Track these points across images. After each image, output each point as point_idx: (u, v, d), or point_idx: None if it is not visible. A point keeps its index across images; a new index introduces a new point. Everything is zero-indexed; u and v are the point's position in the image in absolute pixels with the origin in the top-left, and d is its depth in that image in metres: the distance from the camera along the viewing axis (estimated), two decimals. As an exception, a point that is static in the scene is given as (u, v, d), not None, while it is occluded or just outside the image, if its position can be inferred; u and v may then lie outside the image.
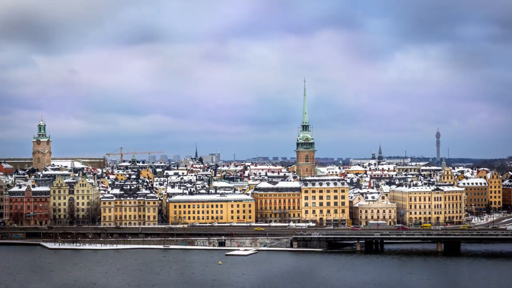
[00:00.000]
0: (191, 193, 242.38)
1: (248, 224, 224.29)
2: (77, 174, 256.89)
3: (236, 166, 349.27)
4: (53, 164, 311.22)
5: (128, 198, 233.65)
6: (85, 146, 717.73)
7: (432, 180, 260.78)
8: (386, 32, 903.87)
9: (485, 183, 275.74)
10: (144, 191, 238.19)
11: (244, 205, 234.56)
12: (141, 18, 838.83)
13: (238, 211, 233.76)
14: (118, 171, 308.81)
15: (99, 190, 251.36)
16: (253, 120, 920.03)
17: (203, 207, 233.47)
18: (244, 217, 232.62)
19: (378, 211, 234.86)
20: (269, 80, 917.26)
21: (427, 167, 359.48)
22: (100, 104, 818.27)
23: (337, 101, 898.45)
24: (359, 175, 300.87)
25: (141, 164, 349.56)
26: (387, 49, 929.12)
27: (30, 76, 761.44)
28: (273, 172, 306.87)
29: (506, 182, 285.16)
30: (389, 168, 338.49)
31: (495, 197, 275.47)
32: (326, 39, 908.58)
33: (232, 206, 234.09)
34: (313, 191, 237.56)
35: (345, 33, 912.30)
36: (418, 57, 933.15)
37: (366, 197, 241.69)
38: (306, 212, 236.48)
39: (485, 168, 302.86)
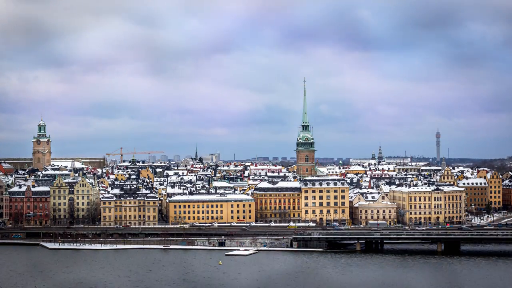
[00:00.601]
0: (191, 193, 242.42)
1: (248, 224, 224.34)
2: (77, 174, 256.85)
3: (236, 166, 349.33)
4: (53, 164, 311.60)
5: (128, 198, 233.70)
6: (80, 147, 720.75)
7: (432, 180, 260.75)
8: (385, 32, 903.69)
9: (485, 183, 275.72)
10: (144, 191, 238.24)
11: (244, 205, 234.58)
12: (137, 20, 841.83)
13: (238, 211, 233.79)
14: (118, 171, 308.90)
15: (99, 190, 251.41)
16: (253, 120, 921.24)
17: (203, 207, 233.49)
18: (244, 217, 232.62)
19: (378, 211, 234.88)
20: (269, 81, 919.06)
21: (427, 167, 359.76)
22: (87, 106, 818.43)
23: (337, 101, 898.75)
24: (359, 175, 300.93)
25: (141, 164, 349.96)
26: (386, 50, 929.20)
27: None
28: (273, 172, 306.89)
29: (506, 182, 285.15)
30: (389, 168, 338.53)
31: (495, 197, 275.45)
32: (327, 41, 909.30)
33: (232, 206, 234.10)
34: (313, 191, 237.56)
35: (345, 34, 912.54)
36: (417, 56, 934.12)
37: (366, 197, 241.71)
38: (306, 212, 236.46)
39: (485, 168, 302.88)
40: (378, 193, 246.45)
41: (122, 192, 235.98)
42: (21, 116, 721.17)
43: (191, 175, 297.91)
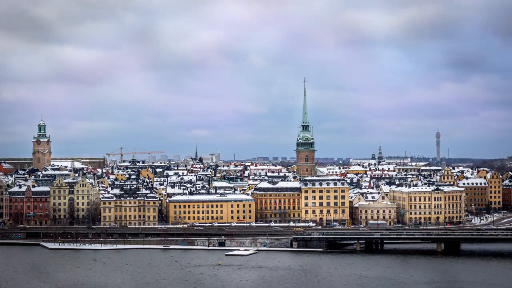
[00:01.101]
0: (191, 193, 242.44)
1: (248, 224, 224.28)
2: (77, 174, 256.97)
3: (236, 166, 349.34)
4: (53, 164, 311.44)
5: (128, 198, 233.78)
6: (81, 147, 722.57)
7: (432, 180, 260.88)
8: (384, 31, 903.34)
9: (485, 183, 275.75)
10: (144, 191, 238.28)
11: (244, 205, 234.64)
12: (135, 23, 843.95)
13: (238, 211, 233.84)
14: (118, 171, 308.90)
15: (99, 190, 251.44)
16: (253, 120, 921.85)
17: (203, 207, 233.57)
18: (244, 217, 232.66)
19: (378, 211, 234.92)
20: (269, 80, 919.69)
21: (427, 167, 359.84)
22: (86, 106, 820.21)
23: (337, 101, 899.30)
24: (359, 175, 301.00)
25: (141, 164, 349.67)
26: (385, 50, 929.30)
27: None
28: (273, 172, 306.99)
29: (506, 182, 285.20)
30: (389, 168, 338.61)
31: (495, 197, 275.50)
32: (327, 42, 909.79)
33: (232, 206, 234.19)
34: (313, 191, 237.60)
35: (345, 35, 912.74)
36: (417, 56, 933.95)
37: (366, 197, 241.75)
38: (306, 212, 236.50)
39: (485, 168, 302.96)
40: (378, 193, 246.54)
41: (122, 192, 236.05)
42: (19, 118, 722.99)
43: (191, 175, 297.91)
